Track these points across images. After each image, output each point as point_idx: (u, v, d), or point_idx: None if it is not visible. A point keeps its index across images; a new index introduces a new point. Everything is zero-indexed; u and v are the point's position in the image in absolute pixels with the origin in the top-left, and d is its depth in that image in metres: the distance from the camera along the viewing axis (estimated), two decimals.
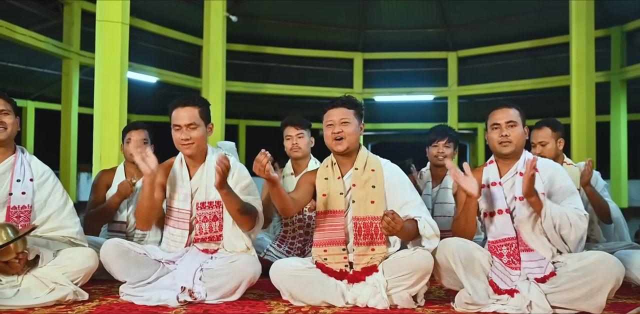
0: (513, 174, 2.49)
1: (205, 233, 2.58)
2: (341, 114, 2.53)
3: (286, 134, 3.41)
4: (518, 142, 2.50)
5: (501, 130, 2.49)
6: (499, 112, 2.53)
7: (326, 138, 2.56)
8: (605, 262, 2.22)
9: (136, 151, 2.49)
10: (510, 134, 2.48)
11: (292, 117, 3.46)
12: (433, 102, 11.06)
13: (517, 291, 2.29)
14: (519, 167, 2.49)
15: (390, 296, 2.33)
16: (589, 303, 2.22)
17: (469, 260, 2.33)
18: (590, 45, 7.53)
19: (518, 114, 2.53)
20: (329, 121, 2.54)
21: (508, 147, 2.49)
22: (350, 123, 2.52)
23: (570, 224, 2.32)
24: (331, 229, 2.47)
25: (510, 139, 2.48)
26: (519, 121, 2.52)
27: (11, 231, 2.28)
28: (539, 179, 2.42)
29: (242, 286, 2.44)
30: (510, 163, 2.52)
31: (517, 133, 2.49)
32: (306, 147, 3.39)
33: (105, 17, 5.37)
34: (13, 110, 2.56)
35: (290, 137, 3.39)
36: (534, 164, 2.27)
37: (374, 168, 2.51)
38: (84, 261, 2.43)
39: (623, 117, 9.01)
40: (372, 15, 10.04)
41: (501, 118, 2.50)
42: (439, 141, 3.44)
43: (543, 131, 3.30)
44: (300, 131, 3.38)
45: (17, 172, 2.54)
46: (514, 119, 2.49)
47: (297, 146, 3.36)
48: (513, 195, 2.46)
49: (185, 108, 2.58)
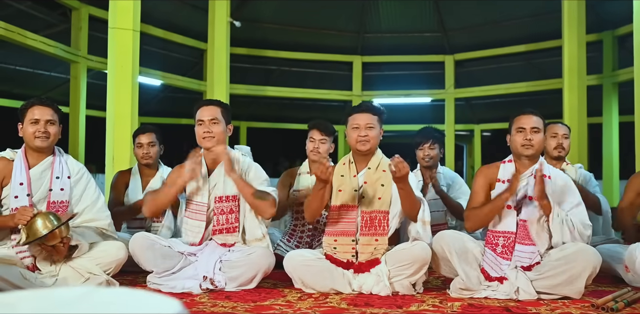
0: (529, 175, 2.70)
1: (222, 225, 2.84)
2: (367, 119, 2.78)
3: (310, 136, 3.61)
4: (539, 147, 2.74)
5: (525, 134, 2.73)
6: (525, 117, 2.76)
7: (350, 139, 2.81)
8: (583, 252, 2.49)
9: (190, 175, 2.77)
10: (534, 139, 2.72)
11: (320, 122, 3.65)
12: (430, 104, 11.26)
13: (506, 278, 2.55)
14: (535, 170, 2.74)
15: (392, 284, 2.59)
16: (570, 289, 2.49)
17: (462, 250, 2.59)
18: (581, 50, 7.77)
19: (541, 122, 2.77)
20: (355, 124, 2.78)
21: (529, 150, 2.73)
22: (374, 128, 2.79)
23: (574, 228, 2.57)
24: (344, 222, 2.73)
25: (533, 143, 2.72)
26: (541, 128, 2.75)
27: (54, 218, 2.54)
28: (549, 186, 2.67)
29: (258, 275, 2.70)
30: (528, 164, 2.74)
31: (539, 139, 2.72)
32: (325, 153, 3.57)
33: (117, 25, 5.61)
34: (59, 119, 2.82)
35: (313, 140, 3.59)
36: (542, 170, 2.53)
37: (385, 169, 2.77)
38: (116, 253, 2.68)
39: (615, 119, 9.26)
40: (370, 19, 10.27)
41: (527, 123, 2.73)
42: (424, 144, 3.72)
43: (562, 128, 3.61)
44: (323, 137, 3.58)
45: (56, 170, 2.78)
46: (538, 126, 2.73)
47: (317, 149, 3.55)
48: (524, 193, 2.69)
49: (208, 106, 2.88)
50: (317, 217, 2.90)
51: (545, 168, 2.72)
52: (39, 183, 2.74)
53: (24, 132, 2.74)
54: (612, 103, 9.13)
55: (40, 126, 2.70)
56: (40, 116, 2.71)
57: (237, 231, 2.85)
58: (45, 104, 2.76)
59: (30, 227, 2.50)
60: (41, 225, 2.50)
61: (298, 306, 2.37)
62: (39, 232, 2.49)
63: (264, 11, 9.88)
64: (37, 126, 2.70)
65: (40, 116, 2.71)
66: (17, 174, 2.70)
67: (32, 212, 2.52)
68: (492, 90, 10.24)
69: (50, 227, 2.48)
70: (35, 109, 2.72)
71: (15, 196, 2.67)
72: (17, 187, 2.68)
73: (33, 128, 2.71)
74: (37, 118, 2.70)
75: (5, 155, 2.78)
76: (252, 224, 2.85)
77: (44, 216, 2.53)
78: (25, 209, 2.55)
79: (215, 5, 8.04)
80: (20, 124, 2.76)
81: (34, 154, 2.78)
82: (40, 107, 2.73)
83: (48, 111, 2.74)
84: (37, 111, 2.72)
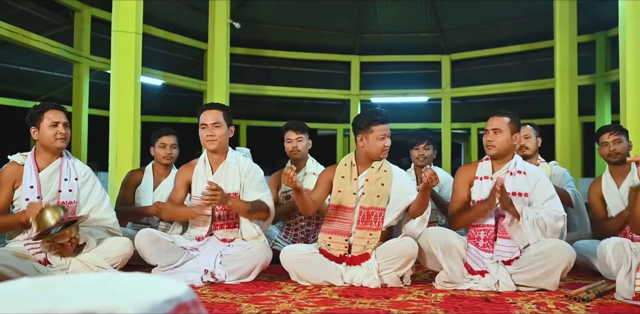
0: (504, 173, 2.88)
1: (223, 220, 3.04)
2: (388, 129, 2.96)
3: (287, 137, 3.81)
4: (501, 147, 2.88)
5: (487, 135, 2.92)
6: (491, 119, 2.93)
7: (374, 147, 2.93)
8: (559, 248, 2.67)
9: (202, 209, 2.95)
10: (493, 139, 2.88)
11: (292, 122, 3.86)
12: (427, 103, 11.41)
13: (488, 272, 2.73)
14: (511, 167, 2.90)
15: (381, 276, 2.77)
16: (546, 282, 2.67)
17: (447, 245, 2.77)
18: (573, 50, 7.93)
19: (508, 122, 2.88)
20: (382, 135, 2.92)
21: (491, 150, 2.91)
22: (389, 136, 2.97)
23: (546, 226, 2.75)
24: (339, 222, 2.91)
25: (494, 143, 2.88)
26: (506, 128, 2.86)
27: (62, 210, 2.72)
28: (525, 182, 2.84)
29: (256, 269, 2.88)
30: (502, 163, 2.92)
31: (501, 139, 2.86)
32: (304, 150, 3.79)
33: (120, 28, 5.77)
34: (69, 124, 3.00)
35: (290, 141, 3.79)
36: (501, 184, 2.66)
37: (386, 170, 2.95)
38: (122, 248, 2.86)
39: (607, 117, 9.41)
40: (368, 20, 10.42)
41: (490, 125, 2.90)
42: (419, 145, 3.91)
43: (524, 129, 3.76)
44: (299, 135, 3.78)
45: (64, 172, 2.96)
46: (500, 127, 2.86)
47: (296, 148, 3.76)
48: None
49: (211, 110, 3.05)
50: (310, 214, 3.08)
51: (520, 164, 2.89)
52: (49, 185, 2.91)
53: (42, 135, 2.91)
54: (604, 102, 9.28)
55: (59, 128, 2.89)
56: (58, 119, 2.90)
57: (237, 227, 3.04)
58: (59, 108, 2.95)
59: (40, 220, 2.69)
60: (50, 216, 2.69)
61: (293, 297, 2.54)
62: (48, 223, 2.67)
63: (263, 12, 10.03)
64: (56, 129, 2.89)
65: (58, 119, 2.90)
66: (27, 178, 2.87)
67: (41, 206, 2.70)
68: (487, 89, 10.40)
69: (58, 217, 2.67)
70: (50, 113, 2.90)
71: (26, 199, 2.85)
72: (27, 190, 2.86)
73: (53, 131, 2.89)
74: (57, 121, 2.89)
75: (16, 159, 2.95)
76: (247, 224, 3.04)
77: (52, 208, 2.72)
78: (34, 204, 2.74)
79: (216, 6, 8.19)
80: (34, 128, 2.92)
81: (45, 157, 2.95)
82: (55, 111, 2.91)
83: (62, 114, 2.93)
84: (53, 115, 2.90)
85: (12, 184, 2.90)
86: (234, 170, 3.06)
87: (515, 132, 2.91)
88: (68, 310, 0.79)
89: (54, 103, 3.00)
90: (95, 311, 0.80)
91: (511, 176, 2.86)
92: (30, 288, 0.93)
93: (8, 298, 0.88)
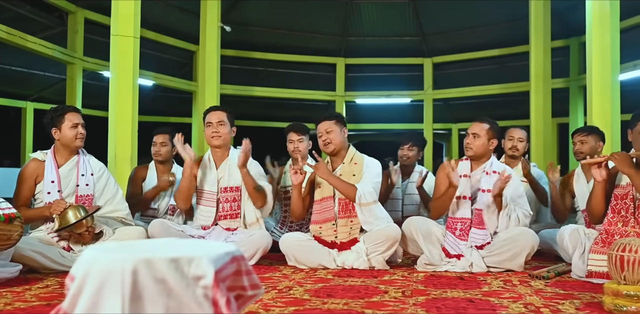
0: (481, 172, 3.25)
1: (227, 211, 3.38)
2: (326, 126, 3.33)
3: (289, 138, 4.14)
4: (477, 150, 3.24)
5: (467, 138, 3.29)
6: (473, 124, 3.30)
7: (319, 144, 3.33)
8: (524, 234, 3.06)
9: (180, 145, 3.28)
10: (471, 143, 3.25)
11: (294, 124, 4.18)
12: (410, 104, 11.77)
13: (463, 256, 3.10)
14: (487, 167, 3.26)
15: (369, 259, 3.13)
16: (513, 263, 3.06)
17: (427, 232, 3.15)
18: (547, 55, 8.36)
19: (487, 129, 3.22)
20: (319, 133, 3.30)
21: (469, 152, 3.28)
22: (333, 132, 3.34)
23: (518, 220, 3.14)
24: (325, 211, 3.27)
25: (471, 146, 3.26)
26: (484, 134, 3.21)
27: (82, 211, 3.03)
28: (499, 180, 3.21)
29: (257, 253, 3.22)
30: (479, 163, 3.29)
31: (478, 143, 3.22)
32: (305, 150, 4.11)
33: (119, 32, 6.03)
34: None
35: (292, 141, 4.11)
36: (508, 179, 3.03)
37: (357, 162, 3.30)
38: (137, 236, 3.17)
39: (580, 119, 9.87)
40: (353, 23, 10.77)
41: (471, 129, 3.27)
42: (404, 145, 4.30)
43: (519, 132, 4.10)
44: (300, 137, 4.10)
45: (81, 168, 3.27)
46: (479, 132, 3.22)
47: (297, 148, 4.08)
48: (478, 187, 3.22)
49: (216, 111, 3.41)
50: (301, 217, 3.42)
51: (496, 165, 3.27)
52: (68, 180, 3.21)
53: (63, 136, 3.21)
54: (578, 105, 9.74)
55: (79, 129, 3.20)
56: (78, 121, 3.20)
57: (239, 217, 3.38)
58: (77, 111, 3.25)
59: (63, 217, 2.99)
60: (72, 215, 2.99)
61: (293, 277, 2.89)
62: (70, 220, 2.98)
63: (252, 14, 10.32)
64: (76, 130, 3.20)
65: (78, 121, 3.20)
66: (48, 173, 3.18)
67: (65, 205, 3.01)
68: (467, 91, 10.82)
69: (79, 217, 2.98)
70: (70, 115, 3.20)
71: (48, 192, 3.15)
72: (49, 184, 3.16)
73: (74, 131, 3.19)
74: (77, 122, 3.20)
75: (37, 156, 3.24)
76: (249, 209, 3.38)
77: (74, 208, 3.02)
78: (59, 202, 3.04)
79: (207, 9, 8.45)
80: (55, 129, 3.22)
81: (63, 154, 3.25)
82: (74, 113, 3.22)
83: (80, 116, 3.24)
84: (73, 117, 3.20)
85: (35, 179, 3.19)
86: (235, 165, 3.39)
87: (492, 138, 3.25)
88: (163, 255, 1.14)
89: (71, 106, 3.31)
90: (181, 257, 1.14)
91: (487, 175, 3.23)
92: (122, 245, 1.27)
93: (118, 248, 1.21)
